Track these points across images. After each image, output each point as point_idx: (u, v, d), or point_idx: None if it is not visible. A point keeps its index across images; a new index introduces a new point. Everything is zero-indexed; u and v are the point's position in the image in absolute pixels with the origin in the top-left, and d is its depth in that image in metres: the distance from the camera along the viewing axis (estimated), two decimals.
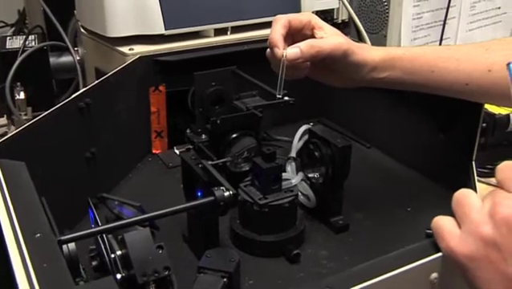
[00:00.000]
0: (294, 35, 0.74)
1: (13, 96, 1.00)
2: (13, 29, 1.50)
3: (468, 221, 0.46)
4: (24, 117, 1.00)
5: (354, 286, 0.42)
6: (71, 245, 0.54)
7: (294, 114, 0.96)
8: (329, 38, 0.72)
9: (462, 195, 0.48)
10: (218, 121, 0.77)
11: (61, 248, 0.49)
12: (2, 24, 1.53)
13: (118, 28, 0.92)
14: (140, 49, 0.92)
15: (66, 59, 1.10)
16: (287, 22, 0.73)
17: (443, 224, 0.48)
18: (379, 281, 0.43)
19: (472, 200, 0.47)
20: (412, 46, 1.17)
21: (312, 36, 0.74)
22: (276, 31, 0.72)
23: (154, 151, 0.96)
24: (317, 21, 0.74)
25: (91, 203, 0.62)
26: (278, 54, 0.71)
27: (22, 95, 1.01)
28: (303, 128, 0.81)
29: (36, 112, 1.03)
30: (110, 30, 0.93)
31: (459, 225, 0.47)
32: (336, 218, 0.75)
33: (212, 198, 0.58)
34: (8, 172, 0.54)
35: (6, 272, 0.43)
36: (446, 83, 0.72)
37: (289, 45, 0.72)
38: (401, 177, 0.89)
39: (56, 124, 0.71)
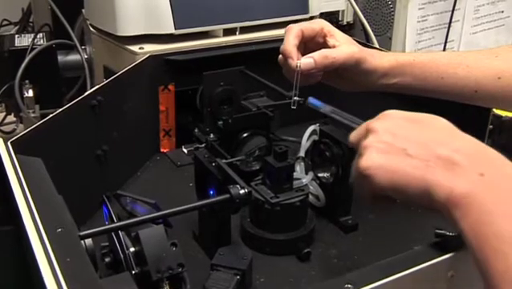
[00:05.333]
0: (306, 43, 0.74)
1: (21, 94, 1.00)
2: (17, 27, 1.50)
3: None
4: (32, 115, 1.00)
5: (375, 282, 0.43)
6: (88, 241, 0.54)
7: (299, 115, 0.96)
8: (342, 48, 0.72)
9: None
10: (230, 120, 0.77)
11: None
12: (5, 22, 1.53)
13: (128, 27, 0.93)
14: (150, 48, 0.93)
15: (73, 57, 1.10)
16: (300, 31, 0.73)
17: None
18: (399, 277, 0.44)
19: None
20: (422, 53, 1.18)
21: (324, 43, 0.74)
22: (289, 42, 0.72)
23: (162, 150, 0.96)
24: (329, 28, 0.74)
25: (106, 200, 0.63)
26: (292, 65, 0.71)
27: (30, 93, 1.01)
28: (311, 128, 0.81)
29: (44, 110, 1.03)
30: (120, 29, 0.93)
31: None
32: (346, 218, 0.76)
33: (228, 196, 0.58)
34: (26, 168, 0.54)
35: (31, 267, 0.43)
36: (456, 90, 0.73)
37: (302, 53, 0.73)
38: None
39: (70, 120, 0.71)
